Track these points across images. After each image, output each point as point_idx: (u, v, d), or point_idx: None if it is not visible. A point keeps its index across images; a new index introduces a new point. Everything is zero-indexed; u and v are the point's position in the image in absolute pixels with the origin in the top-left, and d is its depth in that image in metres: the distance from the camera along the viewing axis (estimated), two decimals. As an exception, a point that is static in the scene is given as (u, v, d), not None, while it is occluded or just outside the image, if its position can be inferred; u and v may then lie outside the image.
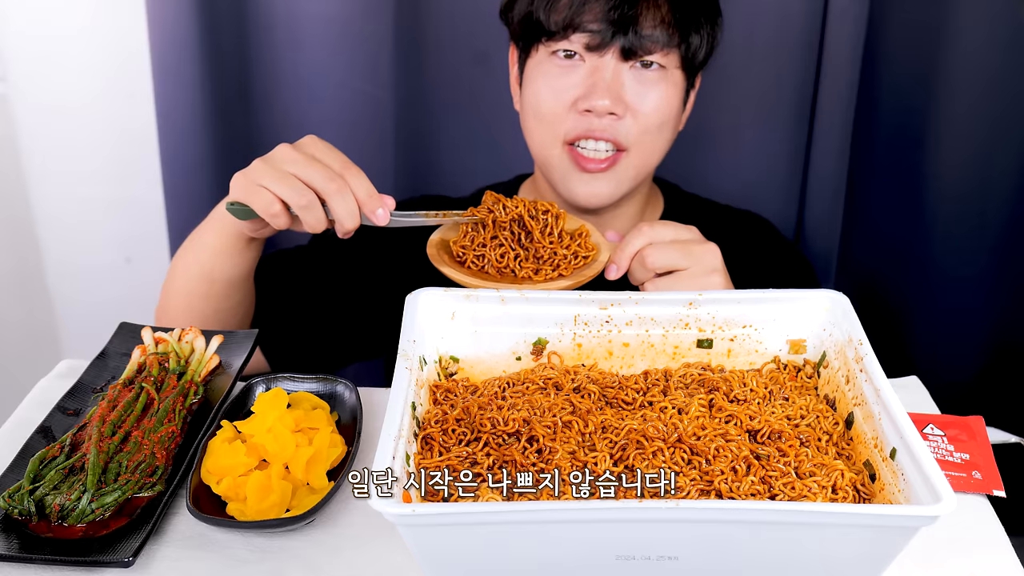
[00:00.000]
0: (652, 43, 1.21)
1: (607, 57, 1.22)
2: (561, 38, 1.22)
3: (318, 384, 1.03)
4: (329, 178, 1.03)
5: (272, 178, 1.04)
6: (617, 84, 1.22)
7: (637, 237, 1.08)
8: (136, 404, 0.96)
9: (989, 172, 1.60)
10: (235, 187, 1.07)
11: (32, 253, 1.89)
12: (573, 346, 0.98)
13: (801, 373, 0.96)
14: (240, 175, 1.07)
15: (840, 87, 1.55)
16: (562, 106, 1.24)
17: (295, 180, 1.04)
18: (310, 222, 1.05)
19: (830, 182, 1.61)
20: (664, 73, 1.24)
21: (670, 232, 1.09)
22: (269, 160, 1.06)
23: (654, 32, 1.20)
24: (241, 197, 1.06)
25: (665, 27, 1.21)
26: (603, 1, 1.19)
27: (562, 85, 1.24)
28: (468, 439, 0.86)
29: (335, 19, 1.59)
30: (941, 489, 0.72)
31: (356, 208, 1.04)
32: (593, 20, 1.20)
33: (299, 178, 1.04)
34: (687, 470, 0.82)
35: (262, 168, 1.05)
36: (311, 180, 1.04)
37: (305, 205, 1.04)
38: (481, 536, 0.73)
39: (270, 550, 0.86)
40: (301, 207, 1.04)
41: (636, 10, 1.20)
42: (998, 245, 1.64)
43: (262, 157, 1.07)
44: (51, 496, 0.86)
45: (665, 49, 1.22)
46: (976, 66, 1.54)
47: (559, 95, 1.24)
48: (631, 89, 1.23)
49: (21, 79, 1.73)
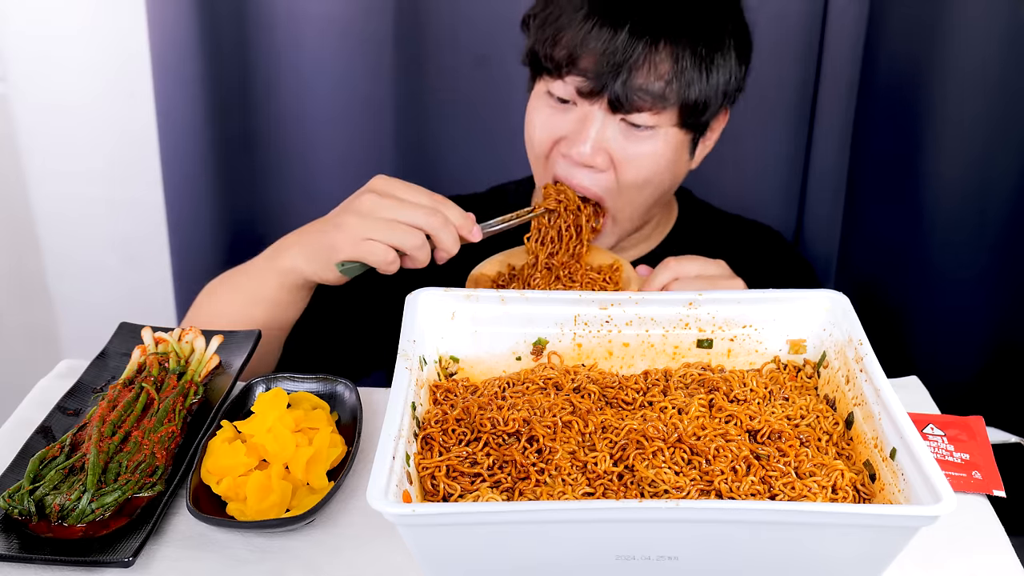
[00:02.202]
0: (641, 100, 1.14)
1: (596, 106, 1.17)
2: (557, 77, 1.18)
3: (318, 384, 1.03)
4: (430, 214, 1.08)
5: (380, 230, 1.07)
6: (603, 135, 1.18)
7: (663, 272, 1.09)
8: (136, 404, 0.96)
9: (989, 172, 1.60)
10: (341, 244, 1.08)
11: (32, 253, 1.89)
12: (573, 346, 0.98)
13: (801, 373, 0.96)
14: (343, 233, 1.08)
15: (840, 87, 1.54)
16: (549, 145, 1.22)
17: (403, 226, 1.07)
18: (421, 259, 1.09)
19: (830, 182, 1.61)
20: (655, 131, 1.18)
21: (696, 267, 1.09)
22: (364, 213, 1.08)
23: (646, 86, 1.14)
24: (352, 254, 1.08)
25: (661, 83, 1.14)
26: (597, 48, 1.14)
27: (552, 123, 1.21)
28: (468, 439, 0.86)
29: (336, 19, 1.59)
30: (941, 489, 0.72)
31: (456, 235, 1.09)
32: (588, 64, 1.15)
33: (404, 222, 1.07)
34: (687, 470, 0.82)
35: (364, 222, 1.07)
36: (417, 222, 1.07)
37: (420, 246, 1.08)
38: (481, 536, 0.73)
39: (270, 550, 0.86)
40: (416, 248, 1.07)
41: (631, 61, 1.13)
42: (998, 245, 1.64)
43: (348, 210, 1.09)
44: (51, 496, 0.86)
45: (657, 108, 1.16)
46: (976, 65, 1.54)
47: (549, 132, 1.22)
48: (616, 143, 1.18)
49: (21, 79, 1.74)
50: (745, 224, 1.47)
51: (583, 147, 1.18)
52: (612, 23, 1.14)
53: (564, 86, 1.18)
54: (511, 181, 1.46)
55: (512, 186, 1.45)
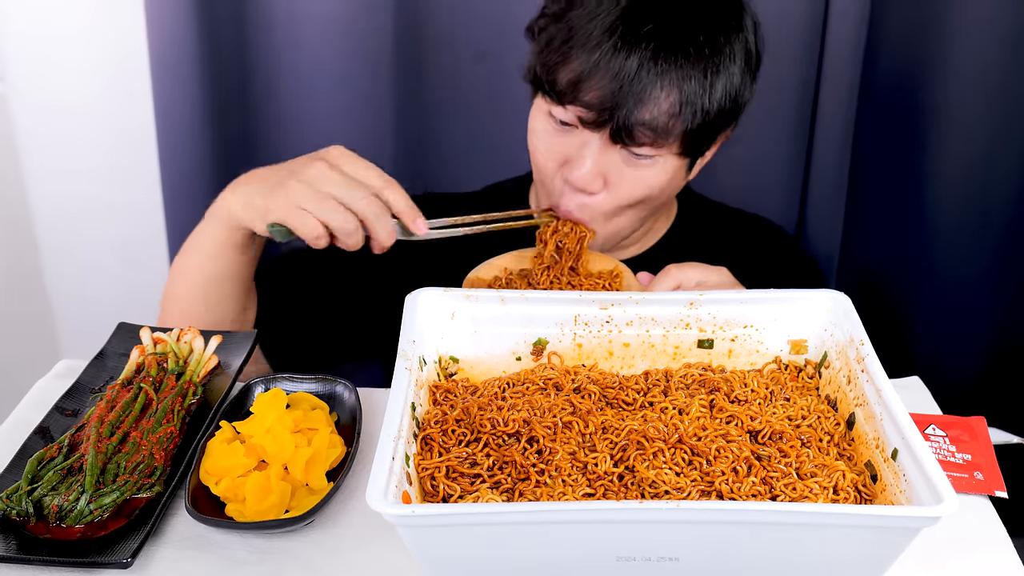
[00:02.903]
0: (643, 135, 1.12)
1: (597, 135, 1.14)
2: (557, 104, 1.16)
3: (317, 384, 1.03)
4: (368, 200, 1.05)
5: (315, 202, 1.05)
6: (601, 162, 1.15)
7: (664, 280, 1.07)
8: (135, 404, 0.96)
9: (991, 172, 1.60)
10: (275, 206, 1.06)
11: (30, 252, 1.88)
12: (573, 346, 0.97)
13: (802, 373, 0.96)
14: (280, 194, 1.06)
15: (841, 88, 1.54)
16: (554, 168, 1.20)
17: (338, 205, 1.05)
18: (351, 245, 1.07)
19: (831, 182, 1.61)
20: (655, 159, 1.16)
21: (698, 275, 1.07)
22: (307, 180, 1.06)
23: (651, 120, 1.11)
24: (283, 219, 1.06)
25: (665, 118, 1.12)
26: (604, 81, 1.10)
27: (555, 146, 1.19)
28: (468, 440, 0.85)
29: (335, 18, 1.58)
30: (943, 490, 0.72)
31: (393, 228, 1.08)
32: (590, 97, 1.11)
33: (342, 202, 1.05)
34: (688, 471, 0.82)
35: (303, 190, 1.05)
36: (354, 204, 1.05)
37: (350, 231, 1.05)
38: (481, 537, 0.73)
39: (269, 551, 0.86)
40: (346, 233, 1.05)
41: (635, 96, 1.10)
42: (1000, 245, 1.64)
43: (294, 173, 1.06)
44: (49, 497, 0.86)
45: (660, 142, 1.13)
46: (978, 66, 1.53)
47: (554, 155, 1.20)
48: (615, 166, 1.16)
49: (20, 79, 1.73)
50: (746, 218, 1.46)
51: (581, 172, 1.15)
52: (625, 50, 1.10)
53: (565, 112, 1.16)
54: (508, 179, 1.45)
55: (509, 184, 1.44)
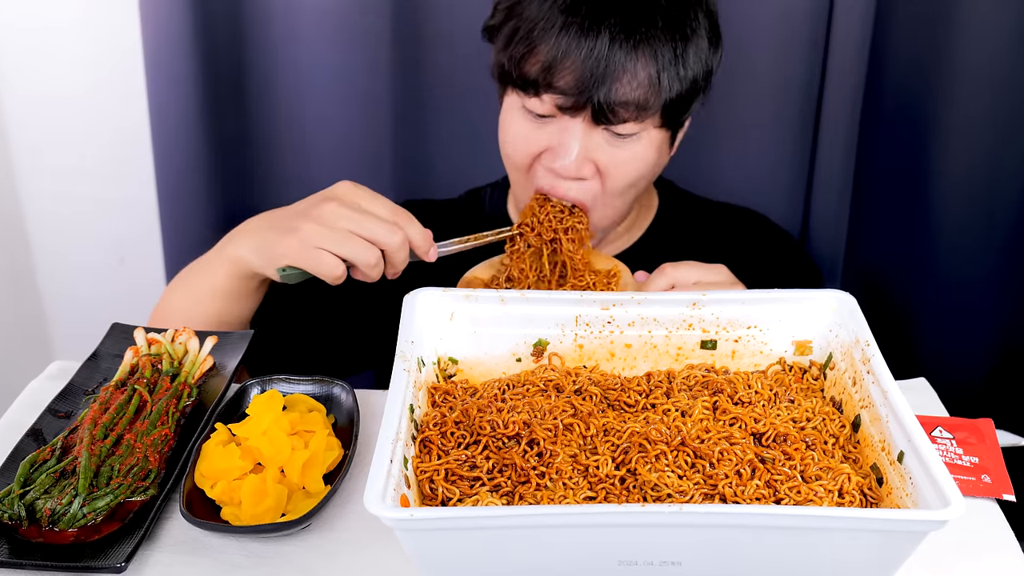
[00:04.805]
0: (624, 111, 1.11)
1: (578, 119, 1.13)
2: (532, 95, 1.14)
3: (314, 386, 1.02)
4: (390, 231, 1.04)
5: (333, 241, 1.03)
6: (586, 146, 1.14)
7: (660, 279, 1.06)
8: (128, 406, 0.95)
9: (997, 173, 1.59)
10: (288, 250, 1.05)
11: (22, 251, 1.87)
12: (574, 347, 0.96)
13: (807, 375, 0.95)
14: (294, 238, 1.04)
15: (846, 87, 1.54)
16: (530, 158, 1.19)
17: (358, 239, 1.04)
18: (372, 277, 1.06)
19: (836, 182, 1.60)
20: (638, 136, 1.15)
21: (695, 274, 1.06)
22: (320, 220, 1.04)
23: (629, 96, 1.10)
24: (298, 261, 1.05)
25: (643, 90, 1.11)
26: (577, 63, 1.09)
27: (531, 138, 1.17)
28: (467, 442, 0.85)
29: (332, 14, 1.57)
30: (950, 493, 0.71)
31: (408, 256, 1.07)
32: (565, 82, 1.10)
33: (362, 236, 1.04)
34: (691, 474, 0.81)
35: (318, 231, 1.04)
36: (374, 236, 1.04)
37: (373, 264, 1.04)
38: (480, 541, 0.72)
39: (265, 555, 0.85)
40: (370, 265, 1.04)
41: (611, 74, 1.09)
42: (1006, 246, 1.63)
43: (307, 215, 1.05)
44: (42, 500, 0.85)
45: (641, 116, 1.13)
46: (984, 66, 1.53)
47: (528, 147, 1.18)
48: (601, 151, 1.15)
49: (11, 72, 1.72)
50: (727, 210, 1.45)
51: (568, 160, 1.14)
52: (593, 30, 1.10)
53: (541, 103, 1.14)
54: (487, 184, 1.44)
55: (487, 190, 1.43)
